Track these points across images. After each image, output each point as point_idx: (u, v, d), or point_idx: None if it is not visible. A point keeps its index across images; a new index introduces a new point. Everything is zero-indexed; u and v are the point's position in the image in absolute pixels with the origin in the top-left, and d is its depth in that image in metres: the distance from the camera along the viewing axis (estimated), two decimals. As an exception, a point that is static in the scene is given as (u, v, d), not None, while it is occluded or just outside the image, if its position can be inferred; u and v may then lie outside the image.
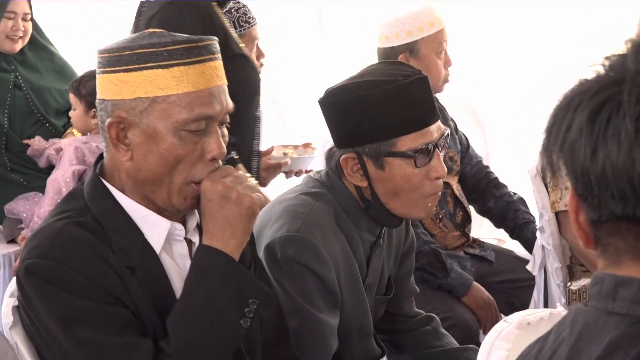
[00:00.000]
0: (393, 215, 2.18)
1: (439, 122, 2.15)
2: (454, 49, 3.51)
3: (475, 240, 3.56)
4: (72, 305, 1.72)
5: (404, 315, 2.49)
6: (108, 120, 1.76)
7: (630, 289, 1.10)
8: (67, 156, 3.81)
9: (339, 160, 2.15)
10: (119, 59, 1.75)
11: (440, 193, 2.18)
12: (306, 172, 3.76)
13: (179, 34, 1.79)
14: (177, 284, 1.83)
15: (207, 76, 1.76)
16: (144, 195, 1.81)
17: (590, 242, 1.14)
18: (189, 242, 1.89)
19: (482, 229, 3.87)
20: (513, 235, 3.62)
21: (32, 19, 4.08)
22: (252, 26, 3.53)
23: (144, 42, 1.75)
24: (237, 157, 3.05)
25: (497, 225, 3.65)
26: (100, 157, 1.88)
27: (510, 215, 3.58)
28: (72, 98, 3.83)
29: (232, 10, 3.50)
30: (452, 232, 3.44)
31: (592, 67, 1.13)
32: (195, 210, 1.89)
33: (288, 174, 3.76)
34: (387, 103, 2.07)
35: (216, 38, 1.82)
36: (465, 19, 5.07)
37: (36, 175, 3.98)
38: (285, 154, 3.71)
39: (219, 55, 1.81)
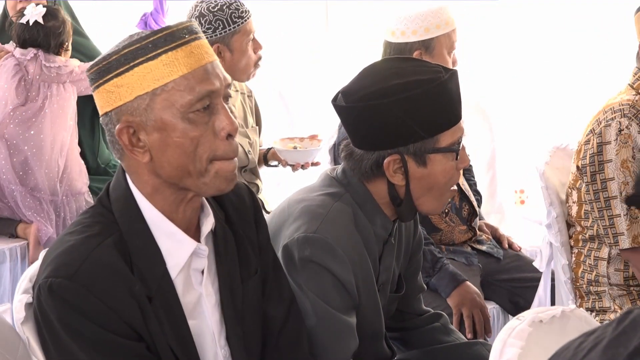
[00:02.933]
0: (414, 211, 2.20)
1: None
2: (461, 45, 3.52)
3: (485, 236, 3.56)
4: (89, 332, 1.72)
5: (413, 313, 2.50)
6: (117, 127, 1.75)
7: None
8: None
9: (377, 162, 2.13)
10: (108, 66, 1.74)
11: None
12: (312, 164, 3.76)
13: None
14: (189, 308, 1.84)
15: (197, 55, 1.74)
16: (174, 196, 1.80)
17: None
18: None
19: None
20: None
21: None
22: (245, 20, 3.49)
23: (127, 42, 1.75)
24: None
25: None
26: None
27: None
28: None
29: (224, 7, 3.46)
30: (459, 227, 3.44)
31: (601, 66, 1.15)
32: (211, 215, 1.88)
33: (294, 167, 3.76)
34: (432, 101, 2.08)
35: (193, 20, 1.81)
36: (473, 14, 5.07)
37: None
38: (295, 148, 3.71)
39: (202, 35, 1.79)
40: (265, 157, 3.86)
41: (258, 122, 3.83)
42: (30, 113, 3.96)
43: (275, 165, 3.88)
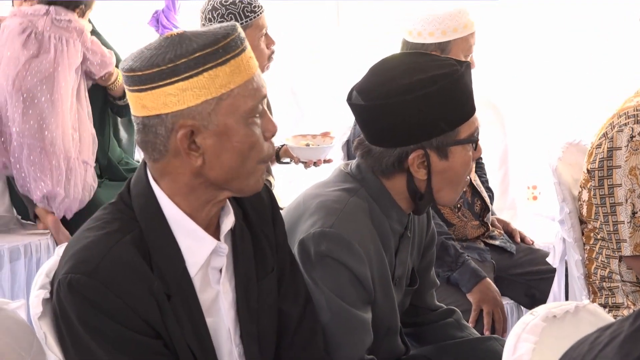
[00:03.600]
0: (431, 203, 2.22)
1: None
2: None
3: (497, 231, 3.56)
4: (108, 329, 1.73)
5: (426, 308, 2.50)
6: (180, 133, 1.73)
7: None
8: None
9: (400, 158, 2.13)
10: (175, 69, 1.71)
11: None
12: (325, 161, 3.76)
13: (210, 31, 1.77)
14: (207, 306, 1.85)
15: (252, 62, 1.79)
16: (206, 196, 1.81)
17: None
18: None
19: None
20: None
21: None
22: (258, 15, 3.48)
23: (194, 46, 1.72)
24: None
25: None
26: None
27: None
28: None
29: (237, 1, 3.45)
30: (472, 222, 3.45)
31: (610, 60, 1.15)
32: (232, 214, 1.89)
33: (307, 164, 3.76)
34: (453, 94, 2.10)
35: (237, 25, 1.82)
36: (485, 11, 5.07)
37: None
38: (307, 145, 3.71)
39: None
40: (278, 154, 3.86)
41: (270, 119, 3.82)
42: (47, 64, 3.95)
43: (288, 163, 3.88)
